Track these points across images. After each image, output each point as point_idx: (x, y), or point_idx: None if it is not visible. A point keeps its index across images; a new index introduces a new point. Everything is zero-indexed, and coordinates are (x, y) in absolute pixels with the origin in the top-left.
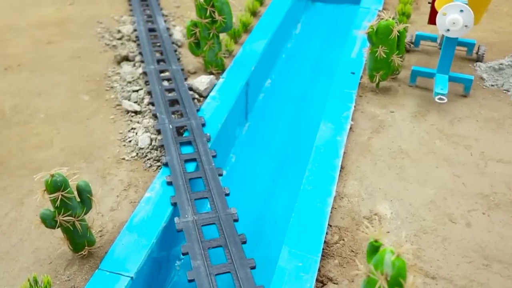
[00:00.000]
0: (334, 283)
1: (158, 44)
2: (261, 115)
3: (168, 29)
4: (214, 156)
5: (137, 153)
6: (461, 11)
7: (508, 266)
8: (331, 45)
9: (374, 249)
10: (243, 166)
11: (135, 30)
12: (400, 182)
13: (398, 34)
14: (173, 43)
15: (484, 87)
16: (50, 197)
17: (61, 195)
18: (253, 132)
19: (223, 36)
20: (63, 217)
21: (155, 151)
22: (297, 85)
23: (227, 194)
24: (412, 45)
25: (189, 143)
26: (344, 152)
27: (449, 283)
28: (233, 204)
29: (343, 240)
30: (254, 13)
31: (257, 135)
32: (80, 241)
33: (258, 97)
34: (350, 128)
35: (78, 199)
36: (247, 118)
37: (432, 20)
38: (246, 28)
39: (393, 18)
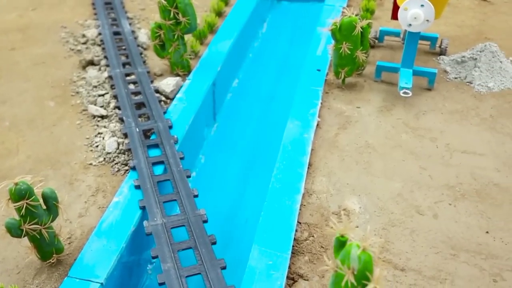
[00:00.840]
0: (304, 280)
1: (124, 47)
2: (229, 115)
3: (133, 32)
4: (182, 158)
5: (104, 158)
6: (422, 6)
7: (475, 255)
8: (297, 43)
9: (341, 244)
10: (212, 166)
11: (99, 34)
12: (368, 177)
13: (362, 30)
14: (138, 46)
15: (447, 80)
16: (15, 206)
17: (26, 203)
18: (222, 132)
19: (188, 37)
20: (29, 225)
21: (123, 155)
22: (265, 83)
23: (196, 196)
24: (376, 41)
25: (156, 145)
26: (312, 149)
27: (418, 274)
28: (203, 205)
29: (313, 236)
30: (219, 14)
31: (226, 135)
32: (48, 249)
33: (225, 97)
34: (317, 125)
35: (44, 207)
36: (215, 118)
37: (395, 15)
38: (212, 28)
39: (356, 15)
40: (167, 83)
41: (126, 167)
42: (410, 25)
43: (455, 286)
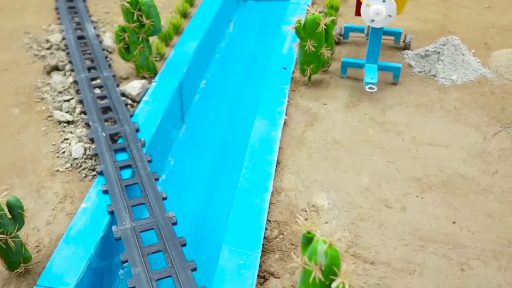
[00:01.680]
0: (275, 278)
1: (88, 51)
2: (197, 116)
3: (98, 35)
4: (149, 161)
5: (71, 164)
6: (384, 1)
7: (443, 245)
8: (264, 42)
9: (308, 240)
10: (182, 168)
11: (64, 38)
12: (336, 172)
13: (325, 27)
14: (103, 49)
15: (412, 74)
16: None
17: None
18: (191, 133)
19: (153, 39)
20: None
21: (90, 160)
22: (233, 83)
23: (165, 198)
24: (341, 37)
25: (123, 149)
26: (280, 147)
27: (388, 266)
28: (174, 207)
29: (283, 234)
30: (184, 15)
31: (195, 136)
32: (15, 259)
33: (193, 98)
34: (285, 122)
35: (10, 216)
36: (183, 120)
37: (358, 11)
38: (177, 30)
39: (320, 12)
40: (133, 86)
41: (94, 172)
42: (373, 20)
43: (424, 277)
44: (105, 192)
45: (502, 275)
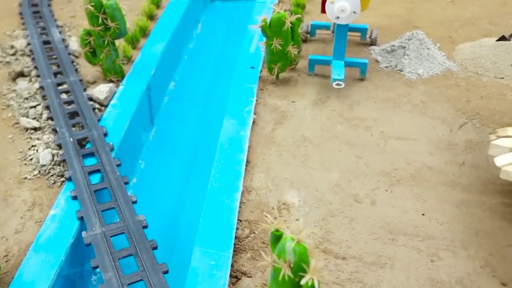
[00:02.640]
0: (248, 277)
1: (54, 56)
2: (167, 118)
3: (63, 40)
4: (118, 165)
5: (39, 171)
6: None
7: (412, 237)
8: (232, 42)
9: (276, 238)
10: (153, 171)
11: (28, 44)
12: (306, 170)
13: (291, 25)
14: (69, 54)
15: (379, 69)
16: None
17: None
18: (161, 136)
19: (120, 42)
20: None
21: (58, 167)
22: (202, 84)
23: (134, 202)
24: (308, 35)
25: (92, 154)
26: (249, 146)
27: (359, 261)
28: (145, 210)
29: (254, 233)
30: (151, 17)
31: (165, 139)
32: None
33: (162, 101)
34: (253, 122)
35: None
36: (152, 122)
37: (324, 9)
38: (144, 32)
39: (285, 10)
40: (101, 90)
41: (62, 179)
42: (338, 17)
43: (394, 269)
44: (74, 198)
45: (471, 264)
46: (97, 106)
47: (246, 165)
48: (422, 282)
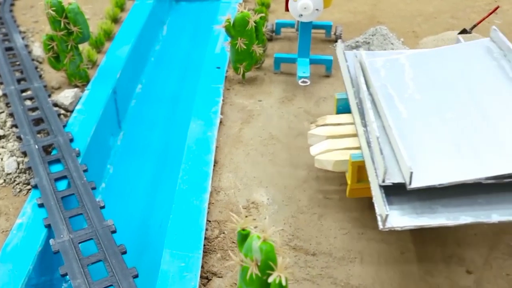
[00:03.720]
0: (218, 277)
1: (17, 62)
2: (135, 121)
3: (26, 46)
4: (85, 171)
5: (4, 180)
6: None
7: (381, 231)
8: (198, 43)
9: (243, 237)
10: (122, 175)
11: None
12: (274, 168)
13: (255, 24)
14: (33, 60)
15: None
16: None
17: None
18: (129, 139)
19: (84, 46)
20: None
21: (24, 174)
22: (169, 86)
23: (102, 207)
24: (274, 34)
25: (58, 161)
26: (217, 147)
27: (329, 256)
28: (115, 215)
29: (224, 233)
30: (115, 20)
31: (133, 142)
32: None
33: (129, 104)
34: (220, 122)
35: None
36: (120, 126)
37: (288, 7)
38: (109, 35)
39: (249, 10)
40: (65, 96)
41: (28, 187)
42: (301, 15)
43: (364, 263)
44: (41, 205)
45: (439, 254)
46: (62, 112)
47: (214, 165)
48: (392, 274)
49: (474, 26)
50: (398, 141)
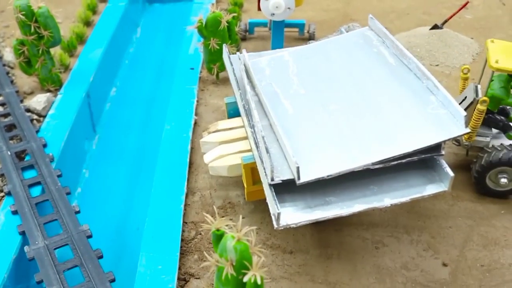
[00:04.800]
0: (196, 278)
1: None
2: (110, 125)
3: None
4: (59, 176)
5: None
6: None
7: (357, 227)
8: (172, 44)
9: (218, 238)
10: (98, 179)
11: None
12: None
13: (228, 24)
14: (4, 65)
15: None
16: None
17: None
18: (104, 143)
19: (56, 50)
20: None
21: None
22: (144, 88)
23: (78, 212)
24: (247, 33)
25: (31, 167)
26: (192, 148)
27: (306, 254)
28: (91, 219)
29: (200, 234)
30: (87, 23)
31: (109, 146)
32: None
33: (104, 107)
34: (195, 123)
35: None
36: (95, 130)
37: (260, 6)
38: (81, 39)
39: (222, 10)
40: (38, 101)
41: (2, 194)
42: (273, 14)
43: (341, 259)
44: (15, 212)
45: (414, 248)
46: (35, 117)
47: (189, 166)
48: (369, 269)
49: (445, 21)
50: (284, 138)
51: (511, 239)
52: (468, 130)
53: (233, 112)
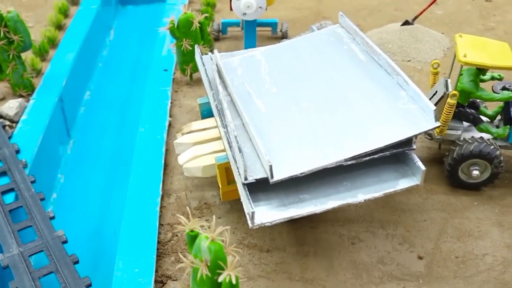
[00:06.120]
0: (173, 280)
1: None
2: (85, 129)
3: None
4: (33, 182)
5: None
6: None
7: (333, 223)
8: (146, 46)
9: (193, 238)
10: (74, 184)
11: None
12: None
13: (200, 25)
14: None
15: None
16: None
17: None
18: (79, 147)
19: (27, 55)
20: None
21: None
22: (118, 91)
23: (52, 218)
24: (220, 33)
25: (4, 173)
26: (166, 150)
27: (283, 251)
28: (67, 225)
29: (177, 236)
30: (59, 27)
31: (84, 150)
32: None
33: (78, 111)
34: (170, 124)
35: None
36: (69, 134)
37: (232, 6)
38: (53, 43)
39: (195, 10)
40: (10, 106)
41: None
42: (244, 14)
43: (318, 256)
44: None
45: (390, 242)
46: (7, 123)
47: (164, 168)
48: (345, 265)
49: (416, 17)
50: (256, 137)
51: (484, 230)
52: (437, 123)
53: (207, 113)
